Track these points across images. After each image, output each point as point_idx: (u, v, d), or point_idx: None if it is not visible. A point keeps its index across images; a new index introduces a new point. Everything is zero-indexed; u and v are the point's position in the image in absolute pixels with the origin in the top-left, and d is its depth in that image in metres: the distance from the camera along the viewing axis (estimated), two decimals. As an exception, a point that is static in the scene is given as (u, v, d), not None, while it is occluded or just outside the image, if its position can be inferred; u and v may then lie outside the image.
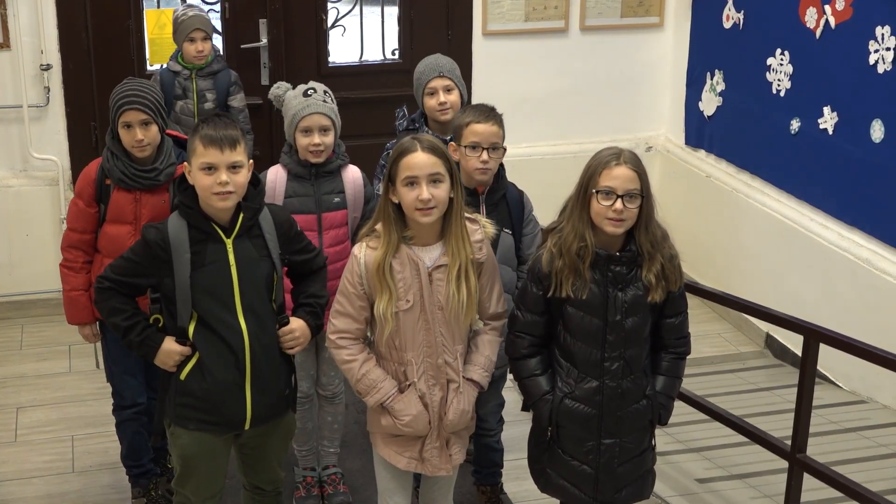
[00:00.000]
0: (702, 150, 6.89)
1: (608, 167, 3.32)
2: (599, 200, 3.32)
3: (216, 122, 3.41)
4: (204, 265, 3.41)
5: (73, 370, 5.78)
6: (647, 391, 3.50)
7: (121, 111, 3.96)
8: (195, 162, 3.38)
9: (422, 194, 3.33)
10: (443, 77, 4.51)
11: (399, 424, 3.52)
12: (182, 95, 5.67)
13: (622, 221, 3.32)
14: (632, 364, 3.44)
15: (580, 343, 3.43)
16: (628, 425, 3.49)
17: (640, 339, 3.45)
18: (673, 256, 3.43)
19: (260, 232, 3.50)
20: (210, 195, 3.37)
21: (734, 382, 5.79)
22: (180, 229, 3.41)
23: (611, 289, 3.38)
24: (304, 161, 4.14)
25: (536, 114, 6.95)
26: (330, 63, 6.70)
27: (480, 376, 3.58)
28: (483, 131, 3.92)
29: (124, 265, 3.49)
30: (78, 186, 4.11)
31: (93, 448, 5.00)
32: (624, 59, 7.08)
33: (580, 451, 3.52)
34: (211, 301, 3.42)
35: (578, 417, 3.47)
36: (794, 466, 4.14)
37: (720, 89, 6.62)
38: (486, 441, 4.39)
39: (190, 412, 3.51)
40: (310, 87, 4.15)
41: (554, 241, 3.41)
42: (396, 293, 3.42)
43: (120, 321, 3.48)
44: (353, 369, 3.53)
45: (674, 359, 3.56)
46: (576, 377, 3.46)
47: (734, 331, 6.46)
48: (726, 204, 6.54)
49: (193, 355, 3.46)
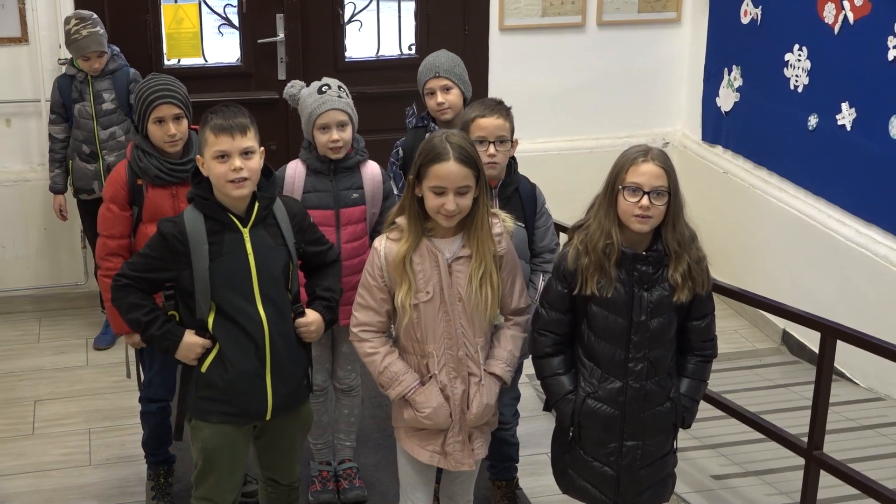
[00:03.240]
0: (719, 145, 6.88)
1: (635, 164, 3.30)
2: (626, 197, 3.29)
3: (225, 111, 3.43)
4: (222, 255, 3.42)
5: (91, 363, 5.80)
6: (671, 394, 3.47)
7: (153, 106, 3.97)
8: (208, 152, 3.40)
9: (447, 205, 3.35)
10: (439, 77, 4.48)
11: (420, 417, 3.52)
12: (79, 99, 5.69)
13: (649, 219, 3.29)
14: (656, 365, 3.41)
15: (604, 342, 3.41)
16: (651, 427, 3.47)
17: (666, 340, 3.42)
18: (701, 258, 3.40)
19: (275, 221, 3.52)
20: (225, 183, 3.39)
21: (751, 379, 5.78)
22: (197, 221, 3.43)
23: (636, 288, 3.36)
24: (324, 157, 4.14)
25: (553, 109, 6.95)
26: (347, 58, 6.70)
27: (503, 371, 3.58)
28: (488, 125, 3.91)
29: (142, 261, 3.50)
30: (109, 192, 4.06)
31: (110, 441, 5.03)
32: (641, 55, 7.07)
33: (602, 452, 3.49)
34: (230, 291, 3.44)
35: (601, 418, 3.45)
36: (811, 463, 4.13)
37: (737, 85, 6.60)
38: (502, 435, 4.38)
39: (212, 405, 3.53)
40: (324, 84, 4.15)
41: (580, 239, 3.39)
42: (416, 284, 3.44)
43: (140, 316, 3.49)
44: (375, 362, 3.54)
45: (699, 362, 3.53)
46: (599, 377, 3.43)
47: (751, 327, 6.45)
48: (743, 200, 6.52)
49: (214, 347, 3.48)
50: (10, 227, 6.37)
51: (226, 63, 6.65)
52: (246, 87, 6.55)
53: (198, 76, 6.26)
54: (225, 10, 6.56)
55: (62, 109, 5.73)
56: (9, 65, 6.18)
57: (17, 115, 6.27)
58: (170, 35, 6.38)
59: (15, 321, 6.29)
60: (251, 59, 6.53)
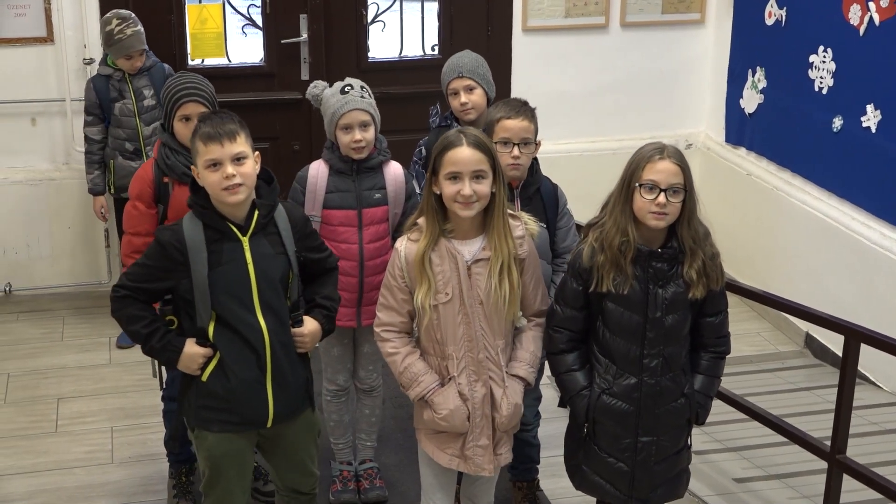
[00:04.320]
0: (742, 147, 6.85)
1: (651, 161, 3.32)
2: (642, 194, 3.31)
3: (212, 119, 3.42)
4: (221, 264, 3.41)
5: (114, 362, 5.83)
6: (685, 390, 3.49)
7: (180, 104, 3.99)
8: (199, 161, 3.38)
9: (464, 189, 3.35)
10: (462, 77, 4.49)
11: (436, 418, 3.53)
12: (119, 97, 5.71)
13: (665, 215, 3.31)
14: (671, 361, 3.44)
15: (619, 339, 3.43)
16: (666, 423, 3.49)
17: (680, 336, 3.45)
18: (715, 255, 3.43)
19: (275, 229, 3.51)
20: (220, 191, 3.37)
21: (773, 382, 5.76)
22: (196, 230, 3.41)
23: (651, 285, 3.38)
24: (346, 157, 4.15)
25: (575, 110, 6.94)
26: (370, 58, 6.71)
27: (527, 373, 3.59)
28: (513, 127, 3.91)
29: (140, 271, 3.47)
30: (135, 190, 4.09)
31: (132, 440, 5.05)
32: (664, 56, 7.05)
33: (616, 448, 3.52)
34: (230, 300, 3.42)
35: (616, 414, 3.47)
36: (834, 467, 4.11)
37: (762, 86, 6.58)
38: (523, 436, 4.37)
39: (212, 413, 3.52)
40: (347, 84, 4.16)
41: (595, 236, 3.41)
42: (435, 285, 3.45)
43: (140, 328, 3.46)
44: (396, 362, 3.56)
45: (713, 358, 3.55)
46: (614, 373, 3.46)
47: (774, 330, 6.42)
48: (767, 202, 6.50)
49: (214, 356, 3.46)
50: (35, 226, 6.40)
51: (249, 63, 6.66)
52: (269, 87, 6.57)
53: (221, 76, 6.26)
54: (249, 10, 6.59)
55: (98, 110, 5.73)
56: (34, 64, 6.21)
57: (42, 115, 6.31)
58: (194, 35, 6.41)
59: (39, 319, 6.33)
60: (274, 60, 6.54)
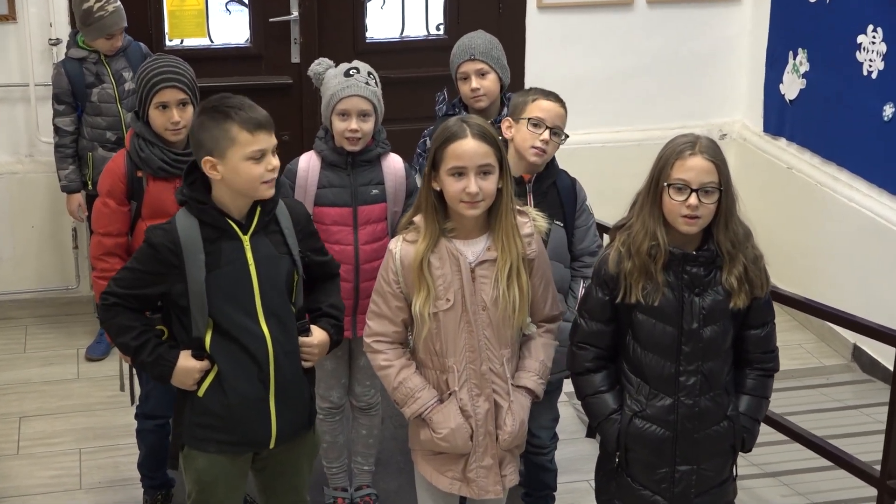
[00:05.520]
0: (783, 138, 6.85)
1: (681, 157, 3.29)
2: (672, 195, 3.29)
3: (243, 103, 3.40)
4: (220, 266, 3.40)
5: (83, 376, 5.83)
6: (728, 411, 3.46)
7: (156, 90, 4.01)
8: (240, 152, 3.34)
9: (469, 187, 3.36)
10: (474, 60, 4.50)
11: (436, 438, 3.54)
12: (96, 82, 5.63)
13: (697, 219, 3.28)
14: (711, 379, 3.40)
15: (652, 355, 3.40)
16: (706, 450, 3.45)
17: (721, 350, 3.41)
18: (758, 258, 3.39)
19: (278, 227, 3.51)
20: (258, 185, 3.38)
21: (817, 399, 5.76)
22: (191, 228, 3.40)
23: (686, 293, 3.35)
24: (340, 148, 4.16)
25: (597, 97, 6.94)
26: (367, 39, 6.71)
27: (535, 384, 3.59)
28: (550, 109, 3.97)
29: (130, 276, 3.47)
30: (106, 185, 4.10)
31: (102, 463, 5.05)
32: (696, 37, 7.05)
33: (652, 478, 3.48)
34: (229, 306, 3.42)
35: (650, 440, 3.44)
36: (884, 494, 4.12)
37: (804, 70, 6.58)
38: (538, 460, 4.39)
39: (209, 433, 3.51)
40: (353, 67, 4.17)
41: (622, 240, 3.39)
42: (435, 291, 3.45)
43: (129, 340, 3.46)
44: (389, 376, 3.56)
45: (760, 376, 3.52)
46: (647, 394, 3.43)
47: (817, 341, 6.42)
48: (810, 199, 6.50)
49: (212, 369, 3.45)
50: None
51: (234, 44, 6.67)
52: (255, 70, 6.58)
53: (202, 58, 6.27)
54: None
55: (71, 98, 5.64)
56: (-6, 45, 6.23)
57: (3, 101, 6.31)
58: (172, 13, 6.42)
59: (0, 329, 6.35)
60: (262, 40, 6.55)
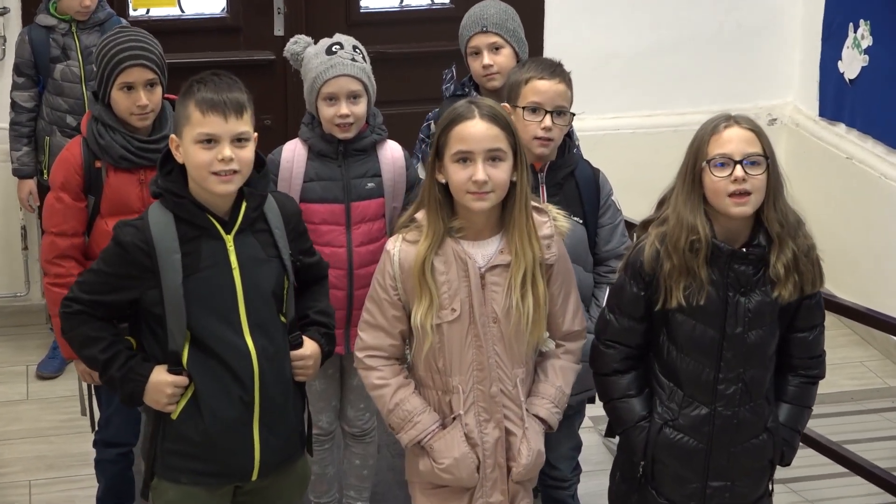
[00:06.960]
0: (841, 123, 6.84)
1: (717, 132, 3.35)
2: (714, 173, 3.32)
3: (216, 82, 3.39)
4: (199, 269, 3.39)
5: (33, 397, 5.84)
6: (768, 423, 3.50)
7: (120, 68, 3.99)
8: (189, 133, 3.36)
9: (476, 174, 3.35)
10: (487, 33, 4.50)
11: (437, 469, 3.53)
12: (62, 56, 5.65)
13: (748, 196, 3.31)
14: (752, 388, 3.45)
15: (689, 359, 3.44)
16: (743, 464, 3.50)
17: (765, 357, 3.46)
18: (810, 248, 3.43)
19: (266, 226, 3.50)
20: (208, 175, 3.35)
21: (880, 426, 5.76)
22: (166, 225, 3.39)
23: (731, 293, 3.38)
24: (330, 136, 4.15)
25: (626, 77, 6.95)
26: (362, 8, 6.73)
27: (549, 413, 3.58)
28: (547, 90, 3.93)
29: (96, 280, 3.46)
30: (59, 177, 4.08)
31: (55, 496, 5.06)
32: (741, 7, 7.06)
33: (680, 494, 3.53)
34: (209, 316, 3.41)
35: (681, 452, 3.48)
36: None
37: (866, 45, 6.56)
38: (559, 494, 4.39)
39: (183, 461, 3.49)
40: (335, 43, 4.16)
41: (657, 233, 3.41)
42: (439, 300, 3.44)
43: (97, 353, 3.45)
44: (384, 396, 3.55)
45: (803, 383, 3.57)
46: (680, 401, 3.47)
47: (881, 358, 6.41)
48: (872, 193, 6.48)
49: (188, 388, 3.43)
50: (-70, 222, 6.42)
51: (208, 14, 6.67)
52: (233, 45, 6.58)
53: (172, 31, 6.28)
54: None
55: (32, 70, 5.67)
56: (-65, 10, 6.23)
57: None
58: (136, -22, 6.44)
59: (-65, 343, 6.35)
60: (240, 10, 6.55)
